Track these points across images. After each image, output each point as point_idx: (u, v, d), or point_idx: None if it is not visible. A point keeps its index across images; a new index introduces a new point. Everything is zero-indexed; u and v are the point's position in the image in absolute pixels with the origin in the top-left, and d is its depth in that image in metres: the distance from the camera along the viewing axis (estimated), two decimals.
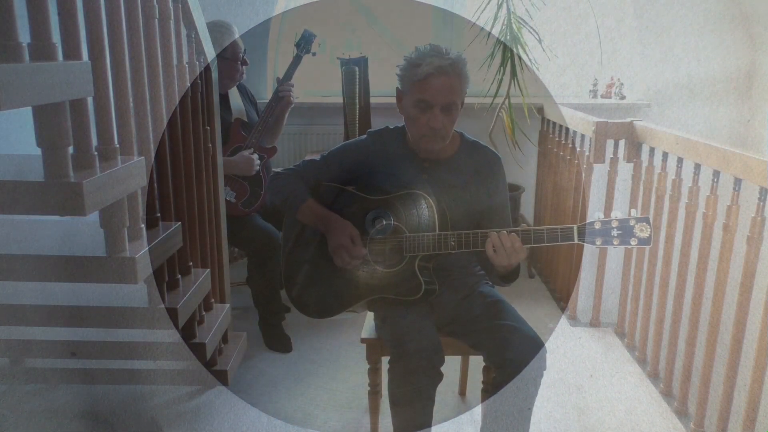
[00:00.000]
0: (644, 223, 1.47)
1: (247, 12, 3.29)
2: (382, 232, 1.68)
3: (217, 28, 2.46)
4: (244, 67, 2.55)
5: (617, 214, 1.49)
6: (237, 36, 2.51)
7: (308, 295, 1.78)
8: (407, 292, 1.65)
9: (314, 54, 2.65)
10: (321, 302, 1.77)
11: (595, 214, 1.52)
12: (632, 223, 1.48)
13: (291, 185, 1.76)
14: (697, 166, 2.05)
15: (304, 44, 2.61)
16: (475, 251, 1.59)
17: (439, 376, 1.59)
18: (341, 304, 1.75)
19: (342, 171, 1.77)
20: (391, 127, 1.78)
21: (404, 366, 1.54)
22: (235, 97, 2.63)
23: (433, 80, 1.54)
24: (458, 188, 1.69)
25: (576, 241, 1.50)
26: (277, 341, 2.53)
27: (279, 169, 1.86)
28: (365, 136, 1.79)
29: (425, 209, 1.63)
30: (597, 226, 1.49)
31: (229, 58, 2.48)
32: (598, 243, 1.49)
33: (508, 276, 1.63)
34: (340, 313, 1.76)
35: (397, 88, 1.67)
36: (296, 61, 2.62)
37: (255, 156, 2.51)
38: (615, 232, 1.48)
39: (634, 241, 1.47)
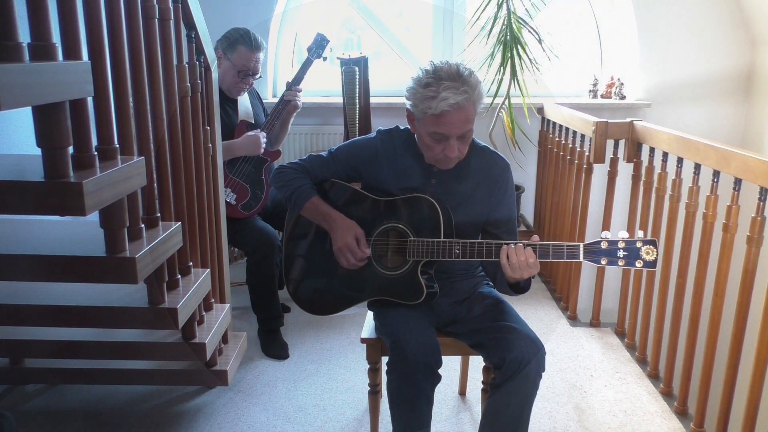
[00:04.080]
0: (651, 246, 1.43)
1: (247, 12, 3.29)
2: (386, 234, 1.68)
3: (242, 38, 2.41)
4: (254, 78, 2.50)
5: (624, 234, 1.45)
6: (256, 52, 2.44)
7: (308, 292, 1.78)
8: (409, 295, 1.65)
9: (325, 59, 2.62)
10: (320, 300, 1.77)
11: (601, 233, 1.48)
12: (639, 245, 1.44)
13: (297, 180, 1.75)
14: (697, 166, 2.05)
15: (316, 48, 2.59)
16: (481, 260, 1.56)
17: (437, 378, 1.58)
18: (341, 303, 1.75)
19: (349, 168, 1.76)
20: (401, 127, 1.75)
21: (403, 367, 1.54)
22: (243, 98, 2.61)
23: (449, 116, 1.49)
24: (466, 194, 1.68)
25: (581, 259, 1.46)
26: (275, 348, 2.52)
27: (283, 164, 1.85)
28: (374, 134, 1.76)
29: (431, 213, 1.61)
30: (603, 245, 1.46)
31: (239, 70, 2.45)
32: (603, 263, 1.45)
33: (519, 287, 1.61)
34: (339, 312, 1.76)
35: (407, 108, 1.60)
36: (306, 64, 2.60)
37: (262, 134, 2.47)
38: (621, 253, 1.44)
39: (639, 263, 1.43)
